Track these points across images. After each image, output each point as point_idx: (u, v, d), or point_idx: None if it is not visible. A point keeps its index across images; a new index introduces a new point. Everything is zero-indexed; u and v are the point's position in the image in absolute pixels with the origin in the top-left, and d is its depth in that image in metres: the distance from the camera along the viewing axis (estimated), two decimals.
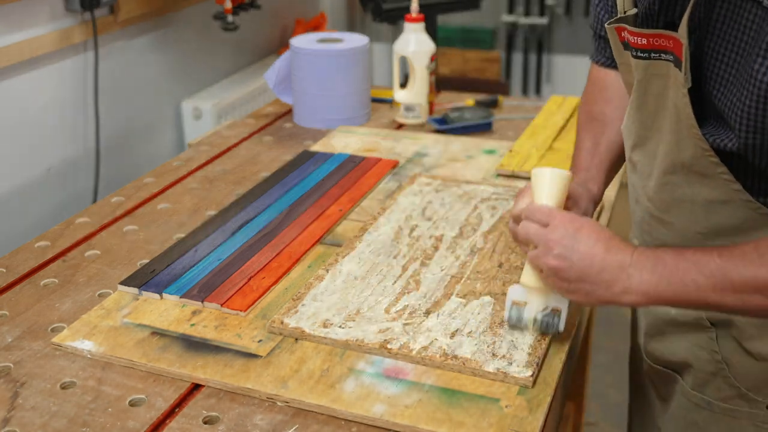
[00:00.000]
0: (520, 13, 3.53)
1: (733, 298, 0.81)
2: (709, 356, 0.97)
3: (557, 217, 0.90)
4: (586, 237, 0.88)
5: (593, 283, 0.87)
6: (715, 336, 0.96)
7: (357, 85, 1.73)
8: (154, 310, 1.05)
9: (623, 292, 0.86)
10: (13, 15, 1.72)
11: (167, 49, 2.26)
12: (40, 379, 0.94)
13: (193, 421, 0.87)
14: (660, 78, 0.89)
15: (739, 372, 0.95)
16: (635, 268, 0.85)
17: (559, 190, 0.94)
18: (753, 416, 0.95)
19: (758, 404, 0.94)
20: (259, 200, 1.35)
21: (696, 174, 0.89)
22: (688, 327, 0.98)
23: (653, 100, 0.92)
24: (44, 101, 1.84)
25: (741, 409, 0.96)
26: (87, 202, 1.96)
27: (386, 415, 0.86)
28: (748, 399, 0.95)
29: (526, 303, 0.96)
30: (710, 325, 0.96)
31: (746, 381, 0.94)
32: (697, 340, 0.98)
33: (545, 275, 0.91)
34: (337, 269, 1.13)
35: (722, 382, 0.96)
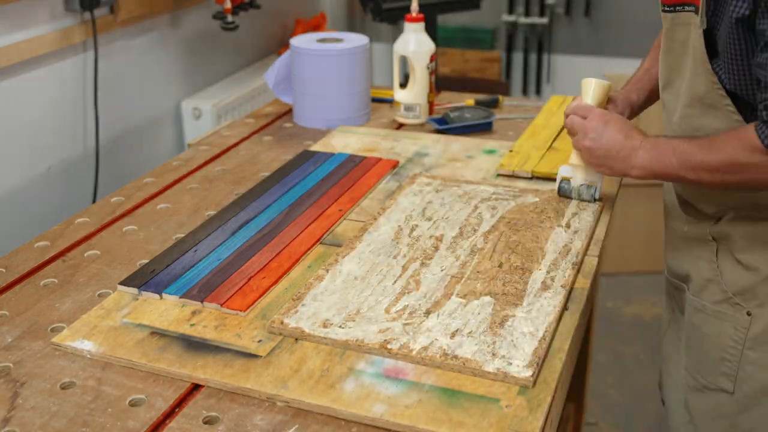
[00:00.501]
0: (520, 13, 3.52)
1: (691, 174, 1.09)
2: (708, 266, 1.18)
3: (594, 112, 1.21)
4: (612, 127, 1.18)
5: (614, 159, 1.18)
6: (716, 249, 1.18)
7: (357, 85, 1.73)
8: (154, 310, 1.05)
9: (633, 167, 1.15)
10: (13, 15, 1.72)
11: (167, 49, 2.26)
12: (40, 379, 0.94)
13: (193, 421, 0.87)
14: (683, 26, 1.11)
15: (729, 279, 1.16)
16: (642, 150, 1.14)
17: (600, 94, 1.26)
18: (735, 320, 1.15)
19: (741, 309, 1.14)
20: (259, 200, 1.35)
21: (707, 106, 1.10)
22: (696, 242, 1.21)
23: (678, 46, 1.14)
24: (44, 101, 1.84)
25: (727, 312, 1.16)
26: (87, 202, 1.96)
27: (386, 415, 0.86)
28: (732, 303, 1.15)
29: (571, 177, 1.30)
30: (712, 239, 1.18)
31: (734, 287, 1.15)
32: (700, 252, 1.20)
33: (581, 153, 1.24)
34: (337, 269, 1.13)
35: (716, 288, 1.17)
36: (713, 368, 1.18)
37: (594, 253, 1.19)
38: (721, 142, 1.06)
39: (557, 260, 1.14)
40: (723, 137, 1.06)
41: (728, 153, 1.04)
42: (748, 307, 1.14)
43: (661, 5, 1.16)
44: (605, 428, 2.27)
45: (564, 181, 1.31)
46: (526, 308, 1.02)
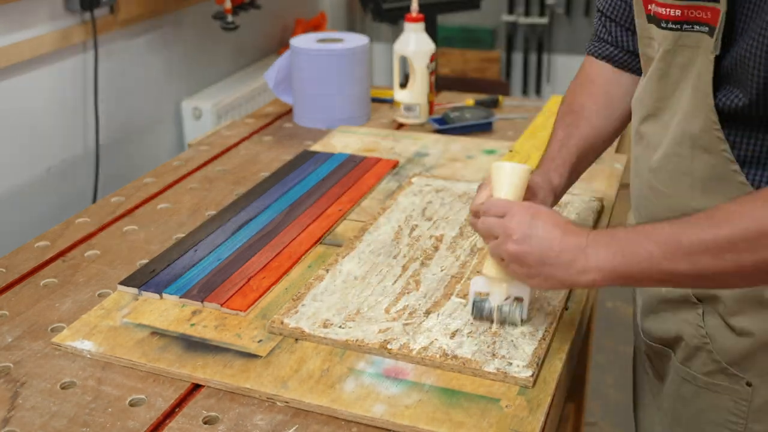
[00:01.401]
0: (520, 13, 3.52)
1: (684, 262, 0.82)
2: (695, 331, 0.99)
3: (514, 207, 0.93)
4: (542, 222, 0.91)
5: (552, 266, 0.89)
6: (702, 312, 0.98)
7: (357, 85, 1.73)
8: (154, 310, 1.05)
9: (582, 272, 0.88)
10: (13, 15, 1.72)
11: (167, 49, 2.26)
12: (40, 379, 0.94)
13: (193, 421, 0.87)
14: (689, 48, 0.91)
15: (721, 347, 0.97)
16: (591, 247, 0.87)
17: (518, 183, 0.97)
18: (733, 392, 0.97)
19: (739, 380, 0.97)
20: (259, 200, 1.35)
21: (700, 148, 0.91)
22: (678, 304, 1.01)
23: (677, 71, 0.94)
24: (44, 101, 1.84)
25: (722, 384, 0.98)
26: (87, 202, 1.96)
27: (386, 415, 0.86)
28: (729, 374, 0.97)
29: (489, 294, 0.99)
30: (697, 301, 0.98)
31: (728, 356, 0.97)
32: (685, 316, 1.00)
33: (506, 263, 0.94)
34: (337, 269, 1.13)
35: (706, 357, 0.98)
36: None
37: None
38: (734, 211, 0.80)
39: None
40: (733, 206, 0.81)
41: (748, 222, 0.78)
42: (746, 377, 0.96)
43: (657, 20, 0.94)
44: (605, 428, 2.27)
45: (479, 299, 0.99)
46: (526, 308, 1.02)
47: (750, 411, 0.97)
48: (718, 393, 0.99)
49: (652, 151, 0.99)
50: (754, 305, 0.93)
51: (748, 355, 0.95)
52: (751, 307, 0.94)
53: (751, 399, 0.96)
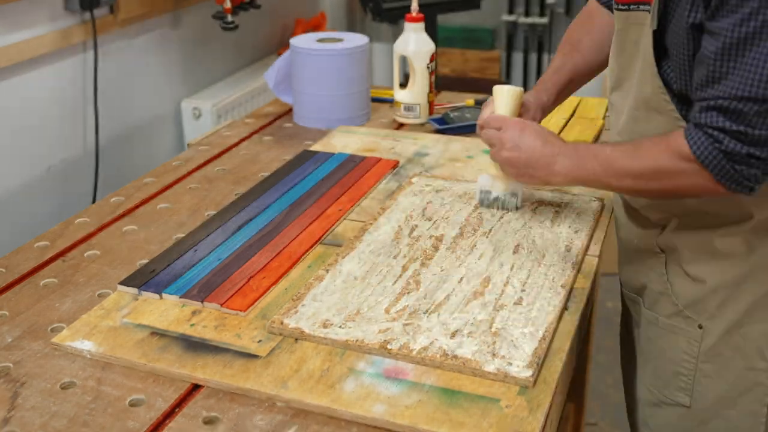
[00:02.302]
0: (520, 13, 3.52)
1: (615, 182, 1.07)
2: (659, 278, 1.16)
3: (508, 122, 1.18)
4: (529, 134, 1.15)
5: (534, 168, 1.14)
6: (665, 261, 1.15)
7: (357, 85, 1.73)
8: (154, 310, 1.05)
9: (554, 174, 1.12)
10: (13, 15, 1.72)
11: (167, 49, 2.26)
12: (40, 379, 0.94)
13: (192, 422, 0.87)
14: (637, 26, 1.08)
15: (679, 292, 1.13)
16: (561, 156, 1.12)
17: (512, 102, 1.22)
18: (687, 333, 1.13)
19: (692, 322, 1.12)
20: (259, 200, 1.35)
21: (653, 110, 1.07)
22: (646, 253, 1.18)
23: (631, 46, 1.10)
24: (44, 101, 1.84)
25: (679, 325, 1.14)
26: (87, 202, 1.96)
27: (386, 415, 0.86)
28: (684, 317, 1.13)
29: (492, 188, 1.27)
30: (660, 251, 1.16)
31: (684, 300, 1.13)
32: (651, 264, 1.17)
33: (502, 166, 1.20)
34: (337, 269, 1.13)
35: (666, 301, 1.15)
36: (669, 382, 1.16)
37: (594, 253, 1.19)
38: (647, 148, 1.03)
39: (557, 260, 1.14)
40: (649, 142, 1.03)
41: (653, 159, 1.02)
42: (699, 320, 1.11)
43: (615, 3, 1.13)
44: (605, 428, 2.27)
45: (484, 192, 1.28)
46: (526, 308, 1.02)
47: (700, 351, 1.12)
48: (675, 334, 1.14)
49: (618, 116, 1.16)
50: (707, 255, 1.10)
51: (701, 299, 1.11)
52: (704, 256, 1.10)
53: (701, 340, 1.12)
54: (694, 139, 0.98)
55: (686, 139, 0.98)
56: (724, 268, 1.09)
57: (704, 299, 1.11)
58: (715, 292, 1.10)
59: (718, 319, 1.10)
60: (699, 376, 1.12)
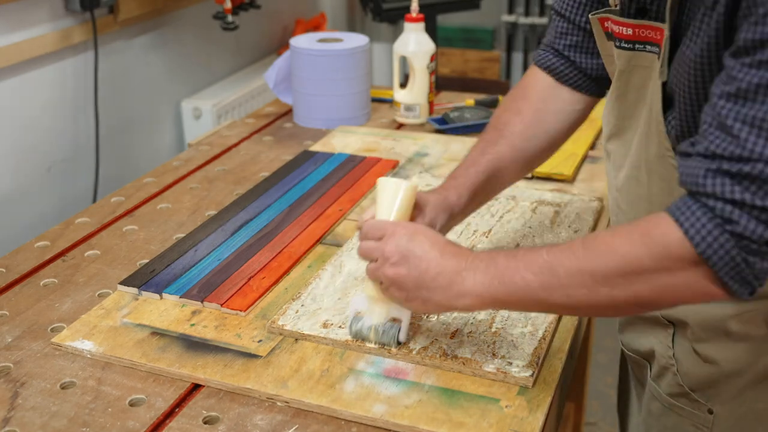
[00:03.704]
0: (520, 13, 3.52)
1: (559, 294, 0.79)
2: (664, 351, 0.98)
3: (391, 228, 0.89)
4: (420, 243, 0.87)
5: (429, 289, 0.86)
6: (672, 333, 0.96)
7: (357, 85, 1.73)
8: (154, 310, 1.05)
9: (458, 296, 0.84)
10: (13, 15, 1.72)
11: (167, 49, 2.26)
12: (40, 379, 0.94)
13: (193, 421, 0.87)
14: (643, 69, 0.89)
15: (687, 371, 0.96)
16: (469, 271, 0.84)
17: (402, 201, 0.93)
18: (695, 417, 0.96)
19: (700, 406, 0.95)
20: (259, 200, 1.35)
21: (656, 174, 0.88)
22: (652, 322, 0.99)
23: (634, 91, 0.91)
24: (44, 101, 1.84)
25: (685, 408, 0.97)
26: (87, 202, 1.96)
27: (386, 415, 0.86)
28: (691, 399, 0.96)
29: (366, 313, 0.96)
30: (668, 323, 0.97)
31: (691, 381, 0.95)
32: (658, 335, 0.99)
33: (385, 287, 0.90)
34: (338, 269, 1.13)
35: (672, 379, 0.97)
36: None
37: None
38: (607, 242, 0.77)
39: None
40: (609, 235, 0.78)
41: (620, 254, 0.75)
42: (708, 404, 0.94)
43: (616, 39, 0.91)
44: (605, 428, 2.27)
45: (356, 319, 0.97)
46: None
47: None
48: (681, 416, 0.97)
49: (617, 169, 0.97)
50: (719, 334, 0.91)
51: (712, 382, 0.94)
52: (716, 335, 0.92)
53: (711, 426, 0.95)
54: (688, 218, 0.71)
55: (675, 219, 0.72)
56: (740, 351, 0.91)
57: (716, 382, 0.94)
58: (729, 377, 0.93)
59: (732, 405, 0.94)
60: None
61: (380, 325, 0.95)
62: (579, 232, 1.21)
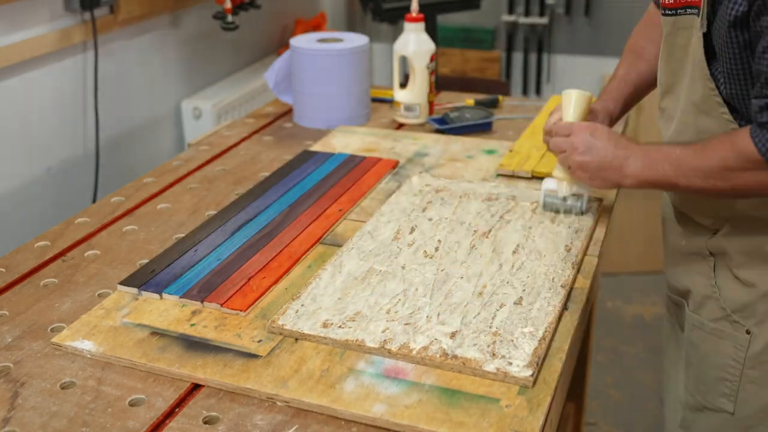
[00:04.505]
0: (520, 13, 3.52)
1: (684, 182, 1.06)
2: (706, 281, 1.15)
3: (576, 127, 1.18)
4: (600, 137, 1.15)
5: (608, 170, 1.14)
6: (713, 264, 1.15)
7: (357, 85, 1.73)
8: (154, 310, 1.05)
9: (626, 176, 1.12)
10: (13, 15, 1.72)
11: (167, 49, 2.26)
12: (40, 379, 0.94)
13: (193, 421, 0.87)
14: (685, 30, 1.08)
15: (727, 296, 1.12)
16: (633, 158, 1.11)
17: (581, 107, 1.22)
18: (734, 338, 1.12)
19: (740, 327, 1.11)
20: (259, 200, 1.35)
21: (703, 113, 1.08)
22: (693, 257, 1.18)
23: (680, 51, 1.11)
24: (44, 101, 1.84)
25: (726, 330, 1.13)
26: (87, 202, 1.96)
27: (386, 415, 0.86)
28: (732, 321, 1.12)
29: (557, 191, 1.25)
30: (709, 254, 1.15)
31: (732, 304, 1.12)
32: (699, 268, 1.17)
33: (572, 171, 1.19)
34: (338, 269, 1.13)
35: (714, 305, 1.14)
36: (713, 388, 1.15)
37: (594, 253, 1.19)
38: (714, 147, 1.03)
39: (557, 260, 1.14)
40: (715, 142, 1.04)
41: (720, 158, 1.02)
42: (747, 325, 1.10)
43: (662, 9, 1.13)
44: (605, 428, 2.27)
45: (549, 196, 1.26)
46: (526, 308, 1.02)
47: (747, 357, 1.11)
48: (721, 339, 1.13)
49: (669, 121, 1.16)
50: (758, 259, 1.09)
51: (750, 304, 1.10)
52: (755, 260, 1.09)
53: (748, 346, 1.10)
54: (758, 137, 0.98)
55: (751, 138, 0.99)
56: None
57: (754, 304, 1.09)
58: (765, 297, 1.08)
59: (766, 324, 1.09)
60: (744, 382, 1.11)
61: (569, 199, 1.25)
62: (579, 233, 1.21)
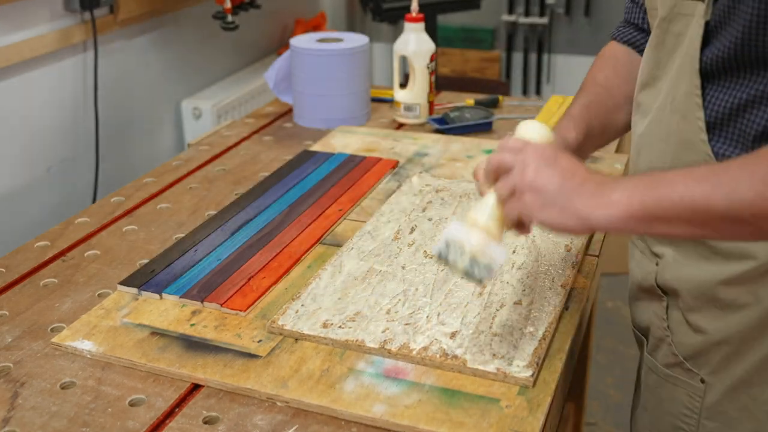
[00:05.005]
0: (520, 13, 3.52)
1: (725, 199, 0.76)
2: (659, 323, 1.03)
3: (532, 143, 0.88)
4: (565, 156, 0.87)
5: (572, 195, 0.82)
6: (666, 305, 1.01)
7: (357, 85, 1.73)
8: (154, 310, 1.05)
9: (603, 205, 0.81)
10: (13, 15, 1.72)
11: (167, 49, 2.26)
12: (40, 379, 0.94)
13: (192, 421, 0.87)
14: (684, 17, 0.93)
15: (680, 341, 1.00)
16: (618, 183, 0.82)
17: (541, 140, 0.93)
18: (689, 386, 1.01)
19: (693, 375, 1.00)
20: (259, 200, 1.35)
21: (678, 114, 0.92)
22: (649, 294, 1.04)
23: (672, 38, 0.96)
24: (44, 101, 1.84)
25: (680, 377, 1.02)
26: (87, 202, 1.96)
27: (386, 415, 0.86)
28: (685, 368, 1.00)
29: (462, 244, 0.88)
30: (662, 294, 1.01)
31: (684, 350, 1.00)
32: (654, 307, 1.04)
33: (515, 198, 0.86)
34: (338, 269, 1.13)
35: (667, 349, 1.02)
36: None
37: (594, 253, 1.19)
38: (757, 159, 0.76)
39: (557, 260, 1.14)
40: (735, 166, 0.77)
41: None
42: (701, 373, 0.99)
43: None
44: (605, 428, 2.27)
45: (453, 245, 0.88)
46: (526, 308, 1.02)
47: (703, 407, 0.99)
48: (676, 386, 1.02)
49: (643, 117, 1.01)
50: (708, 304, 0.95)
51: (702, 351, 0.98)
52: (705, 305, 0.96)
53: (704, 395, 0.99)
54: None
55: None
56: (729, 320, 0.95)
57: (706, 351, 0.98)
58: (718, 346, 0.97)
59: (721, 374, 0.98)
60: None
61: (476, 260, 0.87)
62: None
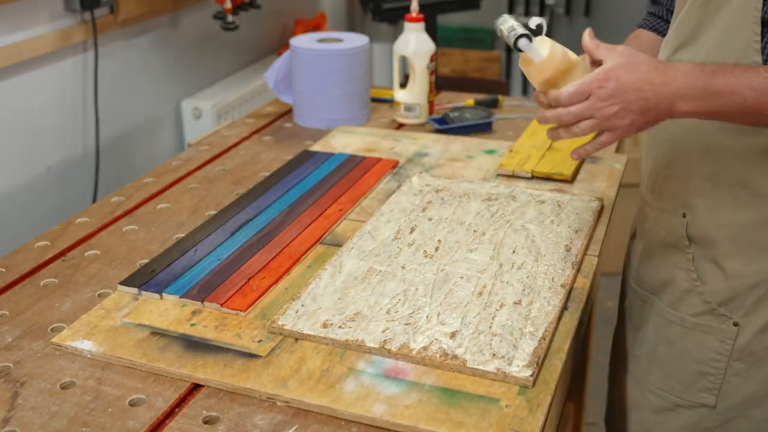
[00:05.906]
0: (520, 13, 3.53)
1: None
2: (686, 275, 1.08)
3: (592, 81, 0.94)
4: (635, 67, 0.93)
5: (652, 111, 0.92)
6: (692, 256, 1.07)
7: (357, 85, 1.73)
8: (154, 310, 1.05)
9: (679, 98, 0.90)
10: (13, 15, 1.72)
11: (167, 49, 2.26)
12: (40, 379, 0.94)
13: (193, 421, 0.87)
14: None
15: (712, 289, 1.06)
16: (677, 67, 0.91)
17: None
18: (720, 331, 1.06)
19: (726, 320, 1.05)
20: (259, 200, 1.35)
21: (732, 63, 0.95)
22: (672, 248, 1.10)
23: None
24: (44, 101, 1.84)
25: (710, 324, 1.07)
26: (87, 202, 1.96)
27: (386, 415, 0.86)
28: (717, 314, 1.06)
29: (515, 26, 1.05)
30: (688, 244, 1.07)
31: (717, 297, 1.05)
32: (677, 259, 1.09)
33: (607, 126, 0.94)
34: (338, 269, 1.13)
35: (696, 299, 1.08)
36: (692, 384, 1.11)
37: (594, 253, 1.19)
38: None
39: (557, 260, 1.14)
40: None
41: None
42: (734, 317, 1.06)
43: None
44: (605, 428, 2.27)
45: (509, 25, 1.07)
46: (526, 308, 1.02)
47: (734, 350, 1.05)
48: (705, 333, 1.07)
49: None
50: (747, 248, 1.02)
51: (738, 295, 1.04)
52: (744, 249, 1.02)
53: (735, 338, 1.05)
54: None
55: None
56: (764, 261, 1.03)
57: (739, 296, 1.05)
58: (752, 289, 1.04)
59: (754, 316, 1.05)
60: (729, 375, 1.08)
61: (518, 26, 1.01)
62: (579, 233, 1.21)
